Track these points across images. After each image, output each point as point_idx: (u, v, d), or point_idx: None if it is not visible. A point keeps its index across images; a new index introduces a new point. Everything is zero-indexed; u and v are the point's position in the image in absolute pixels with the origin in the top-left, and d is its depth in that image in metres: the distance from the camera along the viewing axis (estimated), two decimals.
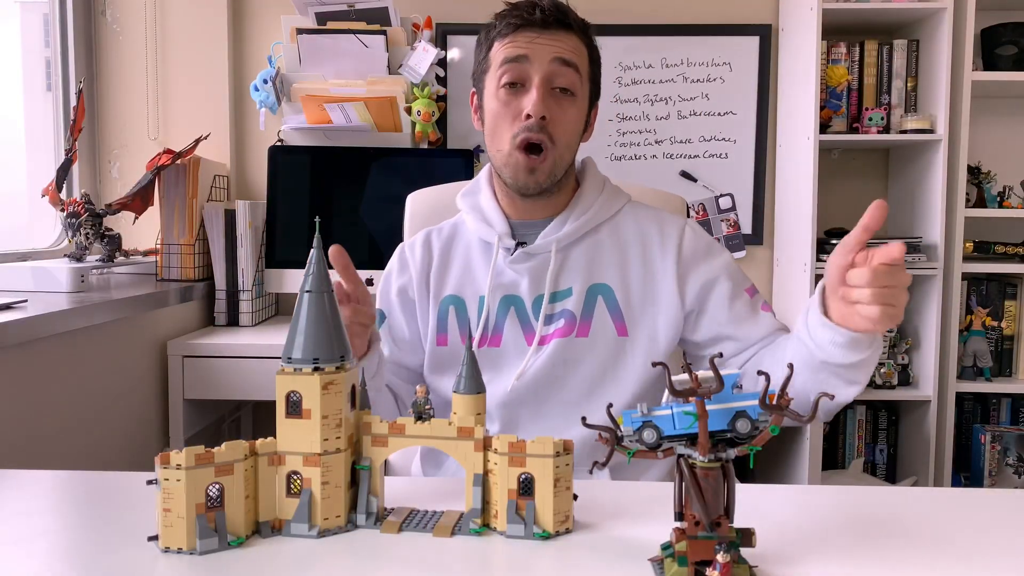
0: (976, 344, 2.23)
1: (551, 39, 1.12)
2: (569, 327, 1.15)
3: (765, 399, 0.65)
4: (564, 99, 1.13)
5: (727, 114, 2.40)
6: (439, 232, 1.27)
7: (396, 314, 1.25)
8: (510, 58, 1.12)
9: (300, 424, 0.73)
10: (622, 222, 1.22)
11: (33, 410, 1.40)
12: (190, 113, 2.30)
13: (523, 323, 1.17)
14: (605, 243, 1.20)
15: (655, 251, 1.19)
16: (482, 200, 1.24)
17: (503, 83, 1.13)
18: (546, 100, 1.11)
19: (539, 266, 1.17)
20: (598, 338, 1.15)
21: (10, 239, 2.02)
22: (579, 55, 1.14)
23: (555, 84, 1.12)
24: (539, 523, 0.73)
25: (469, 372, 0.80)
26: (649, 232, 1.20)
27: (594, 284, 1.17)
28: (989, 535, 0.76)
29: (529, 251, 1.18)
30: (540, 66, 1.11)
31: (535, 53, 1.11)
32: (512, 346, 1.16)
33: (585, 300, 1.16)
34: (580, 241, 1.19)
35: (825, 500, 0.86)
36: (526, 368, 1.14)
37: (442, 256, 1.24)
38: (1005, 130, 2.39)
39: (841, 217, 2.37)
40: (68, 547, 0.73)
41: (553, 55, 1.11)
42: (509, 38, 1.13)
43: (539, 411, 1.15)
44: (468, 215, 1.24)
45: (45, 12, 2.21)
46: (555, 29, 1.12)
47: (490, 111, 1.16)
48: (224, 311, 2.08)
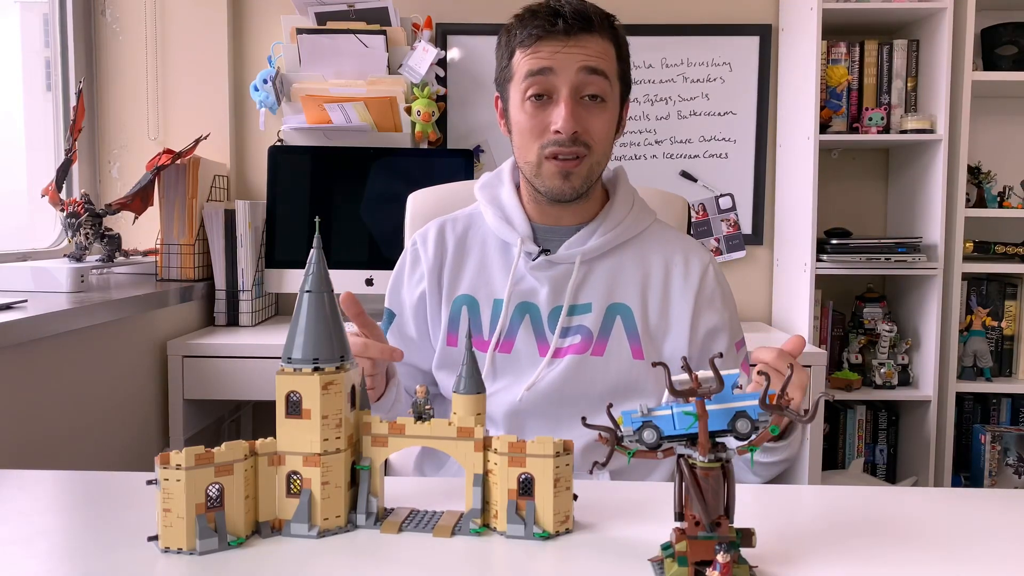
0: (976, 344, 2.23)
1: (576, 46, 1.07)
2: (585, 344, 1.13)
3: (765, 399, 0.65)
4: (594, 106, 1.09)
5: (727, 114, 2.40)
6: (453, 224, 1.22)
7: (407, 314, 1.22)
8: (534, 71, 1.07)
9: (300, 424, 0.73)
10: (647, 242, 1.19)
11: (33, 410, 1.40)
12: (190, 113, 2.30)
13: (537, 333, 1.14)
14: (629, 262, 1.17)
15: (677, 280, 1.17)
16: (503, 195, 1.20)
17: (528, 95, 1.09)
18: (575, 113, 1.07)
19: (561, 277, 1.15)
20: (612, 359, 1.13)
21: (10, 239, 2.02)
22: (607, 59, 1.09)
23: (583, 93, 1.08)
24: (539, 523, 0.73)
25: (469, 372, 0.80)
26: (674, 259, 1.18)
27: (614, 303, 1.15)
28: (989, 535, 0.76)
29: (552, 259, 1.15)
30: (566, 77, 1.07)
31: (560, 64, 1.06)
32: (524, 355, 1.14)
33: (604, 318, 1.14)
34: (605, 257, 1.17)
35: (825, 500, 0.86)
36: (538, 380, 1.12)
37: (456, 251, 1.20)
38: (1005, 130, 2.39)
39: (841, 217, 2.37)
40: (68, 547, 0.73)
41: (580, 64, 1.06)
42: (531, 49, 1.08)
43: (546, 424, 1.13)
44: (487, 209, 1.20)
45: (45, 12, 2.21)
46: (579, 35, 1.07)
47: (517, 123, 1.12)
48: (224, 311, 2.08)
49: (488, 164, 2.37)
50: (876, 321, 2.28)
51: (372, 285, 2.11)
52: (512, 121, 1.14)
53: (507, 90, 1.14)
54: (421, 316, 1.21)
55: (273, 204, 2.13)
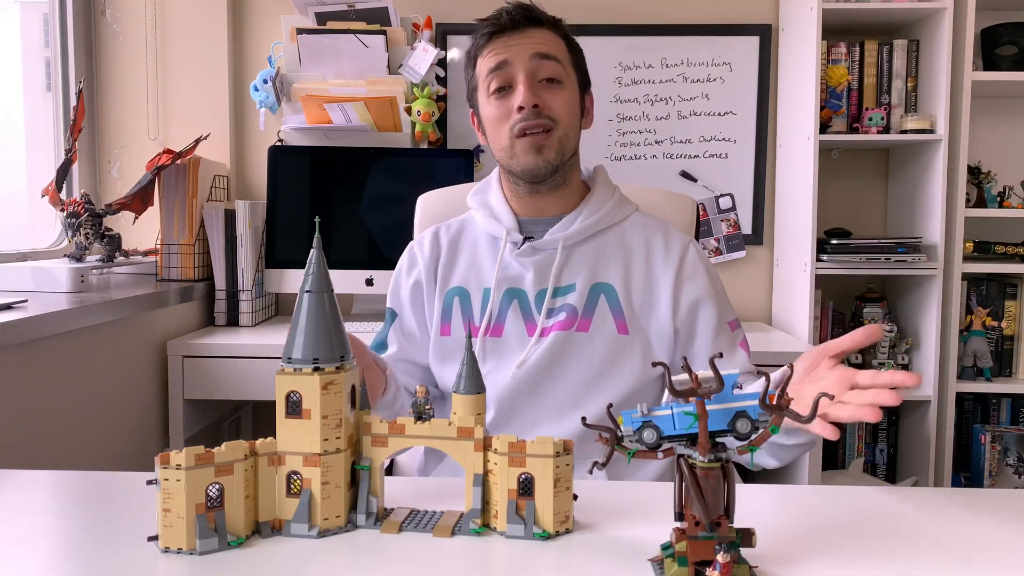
0: (976, 344, 2.23)
1: (525, 37, 1.16)
2: (570, 320, 1.17)
3: (765, 399, 0.65)
4: (552, 87, 1.17)
5: (727, 114, 2.40)
6: (447, 228, 1.31)
7: (407, 312, 1.28)
8: (492, 67, 1.16)
9: (300, 424, 0.73)
10: (628, 228, 1.25)
11: (33, 410, 1.40)
12: (190, 113, 2.30)
13: (525, 315, 1.20)
14: (610, 245, 1.22)
15: (658, 258, 1.22)
16: (491, 198, 1.27)
17: (492, 91, 1.17)
18: (534, 90, 1.15)
19: (545, 261, 1.20)
20: (598, 333, 1.17)
21: (10, 239, 2.02)
22: (556, 47, 1.18)
23: (540, 77, 1.16)
24: (539, 523, 0.73)
25: (469, 372, 0.80)
26: (655, 240, 1.23)
27: (597, 283, 1.20)
28: (989, 535, 0.76)
29: (536, 246, 1.21)
30: (521, 64, 1.15)
31: (514, 55, 1.15)
32: (513, 337, 1.19)
33: (588, 297, 1.19)
34: (587, 241, 1.22)
35: (825, 500, 0.86)
36: (527, 357, 1.17)
37: (450, 250, 1.27)
38: (1005, 130, 2.39)
39: (841, 217, 2.38)
40: (68, 547, 0.73)
41: (531, 52, 1.15)
42: (487, 49, 1.18)
43: (537, 402, 1.17)
44: (477, 212, 1.28)
45: (45, 12, 2.21)
46: (526, 27, 1.17)
47: (487, 118, 1.20)
48: (224, 311, 2.08)
49: (488, 164, 2.37)
50: (876, 321, 2.28)
51: (372, 285, 2.11)
52: (483, 120, 1.22)
53: (475, 98, 1.23)
54: (418, 306, 1.27)
55: (273, 204, 2.13)
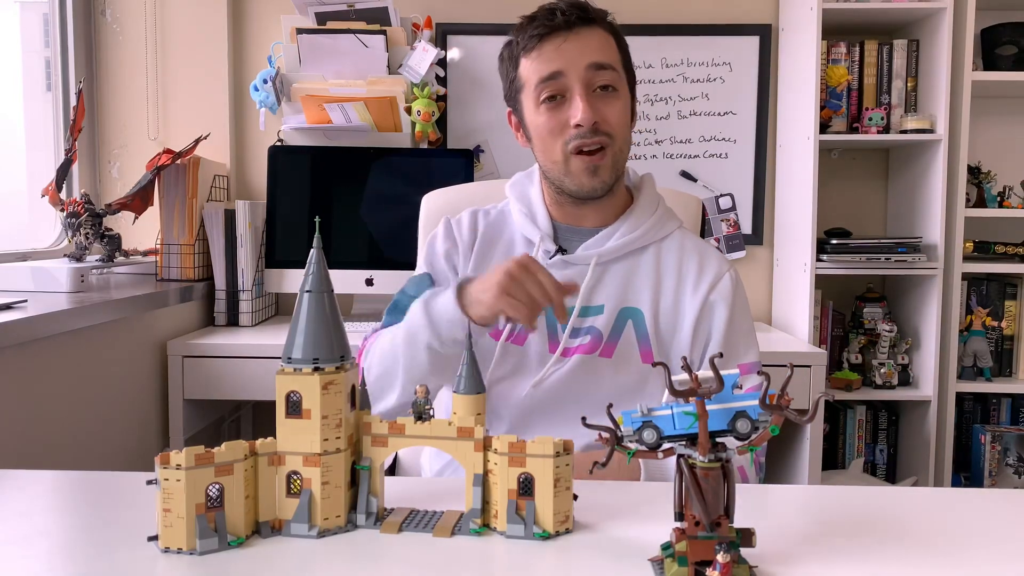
0: (976, 344, 2.23)
1: (578, 41, 1.09)
2: (594, 345, 1.13)
3: (765, 399, 0.65)
4: (607, 96, 1.11)
5: (727, 114, 2.40)
6: (486, 215, 1.24)
7: (441, 276, 1.22)
8: (544, 77, 1.10)
9: (300, 424, 0.73)
10: (666, 248, 1.19)
11: (33, 410, 1.40)
12: (190, 113, 2.30)
13: (549, 330, 1.15)
14: (644, 266, 1.17)
15: (688, 285, 1.16)
16: (532, 193, 1.22)
17: (543, 99, 1.11)
18: (592, 105, 1.09)
19: (575, 277, 1.14)
20: (621, 361, 1.13)
21: (10, 239, 2.02)
22: (610, 50, 1.12)
23: (595, 86, 1.10)
24: (539, 523, 0.73)
25: (469, 372, 0.80)
26: (688, 265, 1.17)
27: (626, 307, 1.15)
28: (989, 535, 0.76)
29: (568, 259, 1.16)
30: (576, 75, 1.09)
31: (568, 63, 1.09)
32: (534, 350, 1.14)
33: (615, 321, 1.14)
34: (621, 260, 1.17)
35: (825, 500, 0.86)
36: (545, 376, 1.13)
37: (485, 241, 1.21)
38: (1005, 130, 2.39)
39: (841, 217, 2.37)
40: (68, 547, 0.73)
41: (587, 61, 1.09)
42: (536, 52, 1.11)
43: (551, 421, 1.12)
44: (515, 205, 1.22)
45: (45, 12, 2.21)
46: (579, 27, 1.10)
47: (536, 126, 1.14)
48: (224, 311, 2.08)
49: (487, 164, 2.37)
50: (876, 321, 2.28)
51: (372, 285, 2.11)
52: (530, 127, 1.15)
53: (519, 101, 1.16)
54: (452, 270, 1.22)
55: (273, 204, 2.13)
